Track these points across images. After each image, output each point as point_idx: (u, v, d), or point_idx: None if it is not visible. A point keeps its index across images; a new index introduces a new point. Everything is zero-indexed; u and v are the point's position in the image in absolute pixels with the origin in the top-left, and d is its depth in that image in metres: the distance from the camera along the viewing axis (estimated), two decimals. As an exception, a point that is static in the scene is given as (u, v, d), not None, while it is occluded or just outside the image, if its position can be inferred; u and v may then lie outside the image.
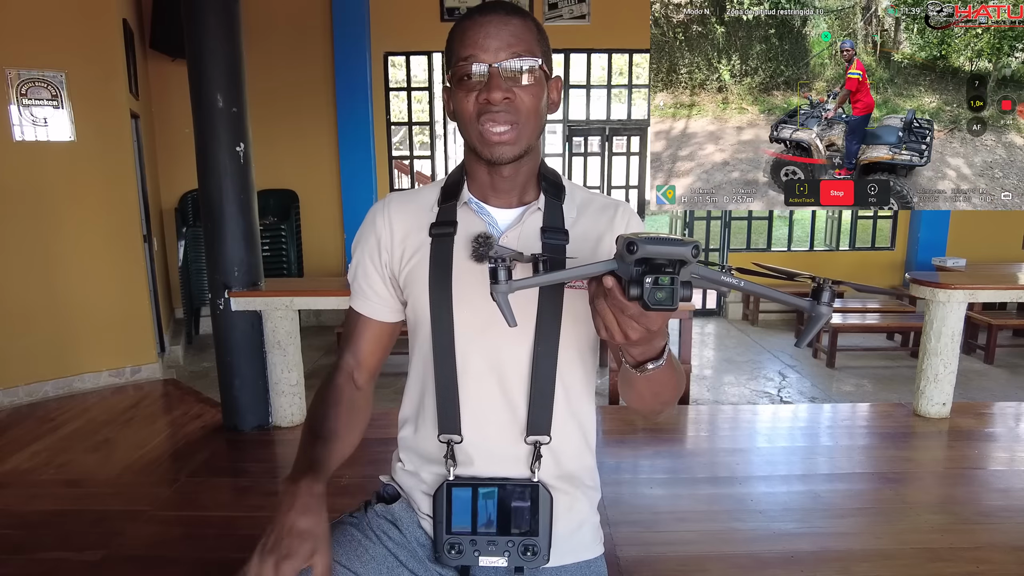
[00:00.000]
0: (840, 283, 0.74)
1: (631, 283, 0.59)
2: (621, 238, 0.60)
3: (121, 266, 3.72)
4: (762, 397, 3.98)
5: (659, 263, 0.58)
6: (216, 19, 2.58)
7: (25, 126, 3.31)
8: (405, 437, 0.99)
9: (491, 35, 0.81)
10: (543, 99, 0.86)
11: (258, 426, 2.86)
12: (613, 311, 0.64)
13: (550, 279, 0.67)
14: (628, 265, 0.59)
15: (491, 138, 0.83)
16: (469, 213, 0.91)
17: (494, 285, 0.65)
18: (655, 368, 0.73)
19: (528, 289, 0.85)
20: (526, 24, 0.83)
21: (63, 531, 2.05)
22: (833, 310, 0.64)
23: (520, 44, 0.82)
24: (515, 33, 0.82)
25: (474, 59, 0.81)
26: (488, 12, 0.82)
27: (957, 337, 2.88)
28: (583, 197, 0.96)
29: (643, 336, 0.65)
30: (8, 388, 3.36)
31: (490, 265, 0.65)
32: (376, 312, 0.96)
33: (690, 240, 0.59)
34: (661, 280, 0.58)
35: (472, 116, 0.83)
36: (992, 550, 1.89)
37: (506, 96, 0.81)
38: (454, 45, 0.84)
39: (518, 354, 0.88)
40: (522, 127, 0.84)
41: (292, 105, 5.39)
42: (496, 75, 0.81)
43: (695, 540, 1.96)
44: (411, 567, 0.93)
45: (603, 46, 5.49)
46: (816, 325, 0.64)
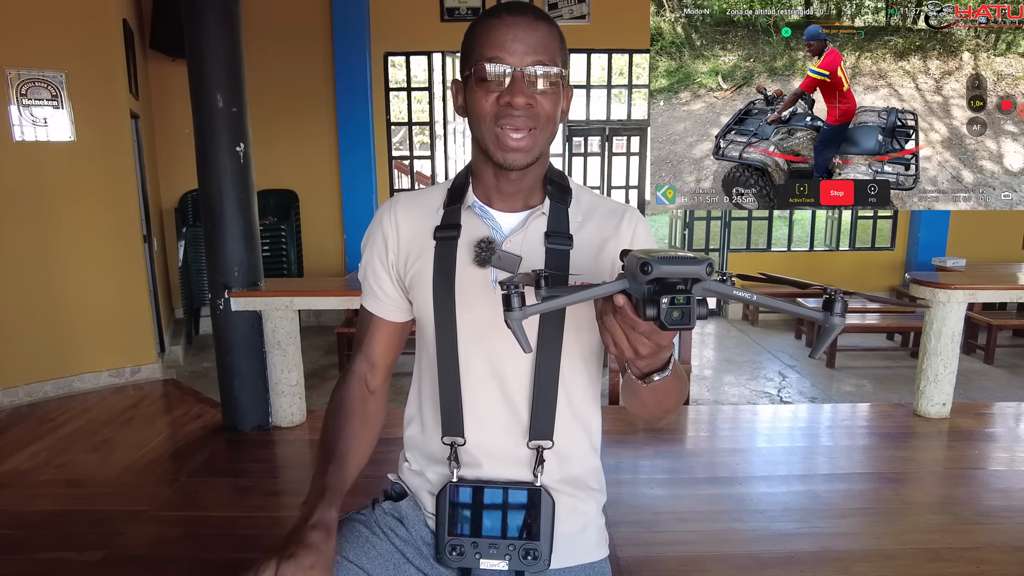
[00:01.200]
0: (852, 294, 0.74)
1: (646, 303, 0.58)
2: (632, 257, 0.60)
3: (121, 266, 3.72)
4: (762, 397, 3.98)
5: (672, 282, 0.58)
6: (216, 19, 2.58)
7: (25, 126, 3.31)
8: (411, 436, 0.99)
9: (519, 39, 0.80)
10: (560, 106, 0.85)
11: (258, 426, 2.86)
12: (623, 328, 0.64)
13: (564, 302, 0.65)
14: (640, 284, 0.59)
15: (508, 143, 0.82)
16: (473, 217, 0.91)
17: (508, 312, 0.64)
18: (661, 379, 0.73)
19: (528, 293, 0.85)
20: (552, 31, 0.83)
21: (63, 531, 2.05)
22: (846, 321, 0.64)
23: (546, 52, 0.81)
24: (542, 40, 0.81)
25: (499, 60, 0.80)
26: (517, 14, 0.81)
27: (957, 337, 2.88)
28: (590, 201, 0.95)
29: (653, 351, 0.66)
30: (8, 388, 3.36)
31: (503, 292, 0.64)
32: (387, 312, 0.96)
33: (704, 258, 0.58)
34: (677, 300, 0.57)
35: (490, 117, 0.82)
36: (992, 550, 1.89)
37: (528, 102, 0.81)
38: (478, 41, 0.83)
39: (520, 360, 0.88)
40: (538, 134, 0.84)
41: (292, 105, 5.39)
42: (520, 79, 0.80)
43: (695, 540, 1.96)
44: (417, 564, 0.94)
45: (603, 46, 5.49)
46: (830, 336, 0.64)
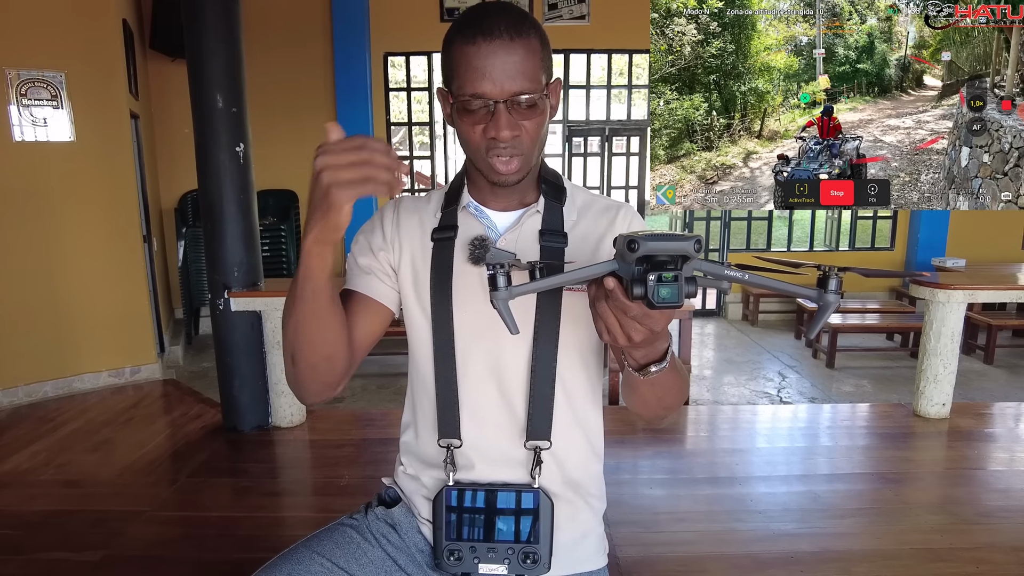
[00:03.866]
0: (847, 269, 0.73)
1: (634, 282, 0.58)
2: (621, 237, 0.59)
3: (121, 266, 3.71)
4: (762, 397, 3.98)
5: (661, 260, 0.57)
6: (216, 19, 2.58)
7: (25, 126, 3.31)
8: (407, 442, 0.99)
9: (497, 67, 0.77)
10: (547, 118, 0.84)
11: (258, 426, 2.86)
12: (615, 313, 0.63)
13: (552, 283, 0.65)
14: (629, 264, 0.58)
15: (500, 169, 0.83)
16: (469, 217, 0.91)
17: (494, 292, 0.64)
18: (659, 371, 0.72)
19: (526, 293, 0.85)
20: (530, 46, 0.79)
21: (63, 531, 2.05)
22: (841, 298, 0.63)
23: (527, 76, 0.78)
24: (520, 64, 0.78)
25: (482, 95, 0.78)
26: (492, 37, 0.77)
27: (957, 337, 2.88)
28: (584, 199, 0.95)
29: (646, 337, 0.65)
30: (8, 388, 3.36)
31: (488, 272, 0.64)
32: (373, 288, 0.91)
33: (692, 235, 0.57)
34: (665, 276, 0.56)
35: (480, 148, 0.82)
36: (992, 550, 1.89)
37: (515, 133, 0.80)
38: (458, 70, 0.80)
39: (517, 357, 0.88)
40: (527, 156, 0.84)
41: (292, 105, 5.39)
42: (503, 113, 0.79)
43: (695, 541, 1.96)
44: (409, 571, 0.93)
45: (603, 46, 5.49)
46: (825, 314, 0.63)
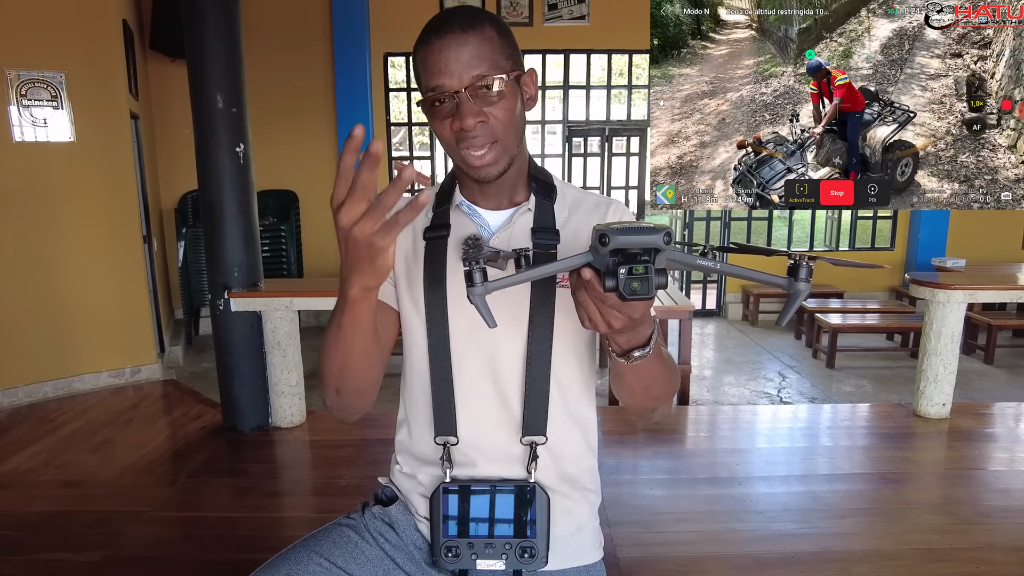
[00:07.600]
0: (816, 258, 0.74)
1: (606, 274, 0.59)
2: (594, 230, 0.61)
3: (121, 266, 3.72)
4: (762, 397, 3.98)
5: (633, 252, 0.58)
6: (216, 19, 2.58)
7: (25, 127, 3.31)
8: (402, 440, 0.99)
9: (451, 59, 0.78)
10: (517, 105, 0.84)
11: (258, 427, 2.86)
12: (594, 302, 0.65)
13: (527, 276, 0.67)
14: (603, 256, 0.59)
15: (473, 162, 0.83)
16: (461, 216, 0.92)
17: (470, 288, 0.65)
18: (642, 356, 0.72)
19: (520, 288, 0.85)
20: (484, 35, 0.80)
21: (63, 532, 2.05)
22: (811, 288, 0.64)
23: (483, 62, 0.79)
24: (475, 51, 0.79)
25: (440, 88, 0.79)
26: (443, 32, 0.79)
27: (957, 337, 2.88)
28: (575, 196, 0.96)
29: (626, 324, 0.66)
30: (8, 388, 3.36)
31: (464, 268, 0.65)
32: (384, 292, 0.92)
33: (662, 227, 0.59)
34: (636, 270, 0.58)
35: (451, 142, 0.83)
36: (992, 550, 1.89)
37: (479, 120, 0.80)
38: (419, 72, 0.83)
39: (512, 353, 0.89)
40: (501, 144, 0.83)
41: (292, 105, 5.39)
42: (465, 101, 0.79)
43: (695, 541, 1.96)
44: (407, 569, 0.93)
45: (603, 47, 5.49)
46: (795, 302, 0.64)
